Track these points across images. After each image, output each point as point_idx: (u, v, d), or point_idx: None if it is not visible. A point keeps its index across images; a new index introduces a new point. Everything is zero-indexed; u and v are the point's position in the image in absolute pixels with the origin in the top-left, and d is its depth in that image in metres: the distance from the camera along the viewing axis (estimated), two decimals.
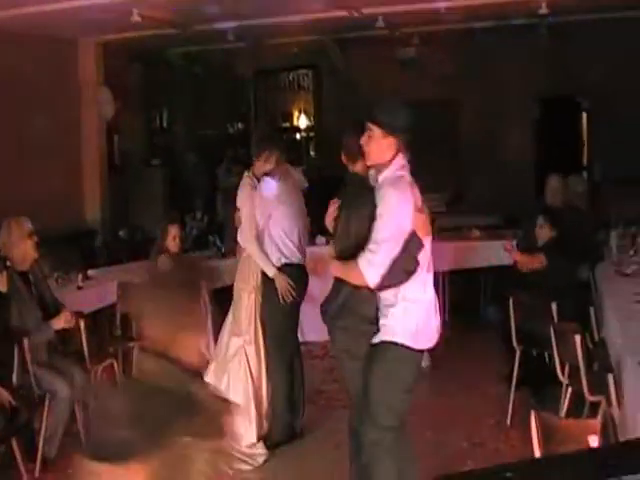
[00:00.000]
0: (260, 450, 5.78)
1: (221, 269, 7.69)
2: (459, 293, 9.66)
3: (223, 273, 7.37)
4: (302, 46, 12.48)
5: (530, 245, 7.03)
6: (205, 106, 13.33)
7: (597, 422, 3.14)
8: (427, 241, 4.06)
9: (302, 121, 14.59)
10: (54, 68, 10.29)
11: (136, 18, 8.29)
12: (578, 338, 4.82)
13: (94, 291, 7.33)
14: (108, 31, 10.08)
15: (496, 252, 8.67)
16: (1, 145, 9.14)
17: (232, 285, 6.07)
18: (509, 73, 12.46)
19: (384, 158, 4.08)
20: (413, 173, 4.14)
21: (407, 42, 11.54)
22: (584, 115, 13.34)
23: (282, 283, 5.75)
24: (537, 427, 3.23)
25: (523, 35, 11.10)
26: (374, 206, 4.00)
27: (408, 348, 4.07)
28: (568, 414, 5.13)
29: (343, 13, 9.07)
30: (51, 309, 5.85)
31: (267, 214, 5.76)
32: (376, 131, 4.05)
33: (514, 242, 7.45)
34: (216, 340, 6.07)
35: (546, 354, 6.23)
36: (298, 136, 14.47)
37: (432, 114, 13.30)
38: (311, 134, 14.42)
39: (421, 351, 4.19)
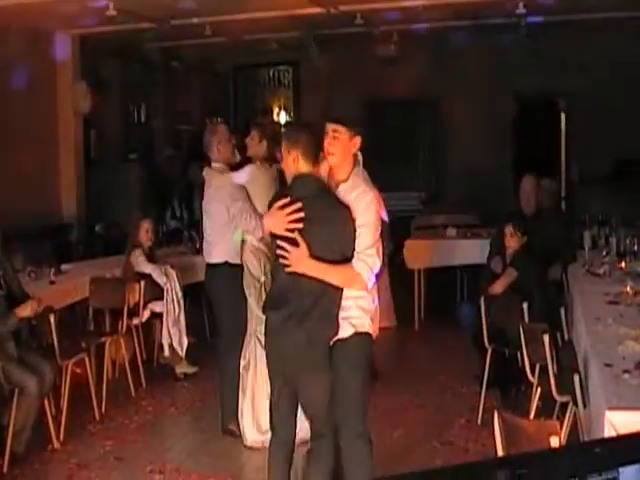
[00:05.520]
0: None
1: (197, 265, 7.70)
2: (435, 292, 9.67)
3: (199, 269, 7.37)
4: (282, 42, 12.45)
5: (502, 248, 7.01)
6: (183, 101, 13.27)
7: (557, 423, 3.14)
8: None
9: (282, 117, 14.60)
10: (31, 61, 10.17)
11: (112, 12, 8.23)
12: (547, 338, 4.83)
13: (66, 286, 7.29)
14: (85, 25, 9.99)
15: (472, 250, 8.71)
16: None
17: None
18: (487, 72, 12.50)
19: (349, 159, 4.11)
20: (390, 172, 4.19)
21: (386, 40, 11.52)
22: (562, 115, 13.38)
23: None
24: (500, 427, 3.24)
25: (502, 34, 11.13)
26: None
27: (370, 335, 4.18)
28: (539, 414, 5.13)
29: (320, 10, 9.05)
30: (20, 303, 5.79)
31: None
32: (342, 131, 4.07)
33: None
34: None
35: (518, 354, 6.24)
36: None
37: (411, 112, 13.37)
38: None
39: None
